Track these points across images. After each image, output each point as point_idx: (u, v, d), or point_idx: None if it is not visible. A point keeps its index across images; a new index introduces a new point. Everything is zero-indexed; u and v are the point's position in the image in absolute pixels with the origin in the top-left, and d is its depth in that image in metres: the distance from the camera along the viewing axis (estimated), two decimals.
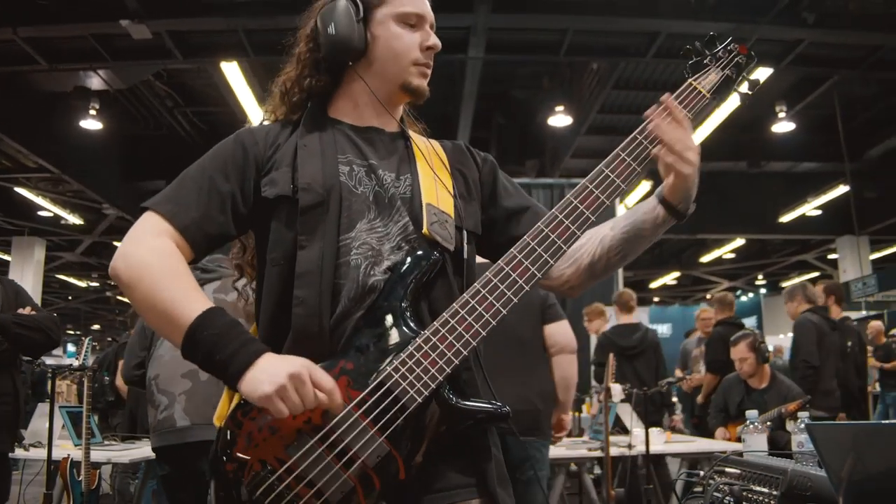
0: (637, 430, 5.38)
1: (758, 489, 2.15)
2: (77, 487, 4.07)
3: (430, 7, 1.77)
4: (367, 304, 1.54)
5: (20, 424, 4.63)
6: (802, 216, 15.20)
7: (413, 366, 1.45)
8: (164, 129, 12.16)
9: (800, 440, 3.01)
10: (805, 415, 3.32)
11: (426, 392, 1.44)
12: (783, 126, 11.27)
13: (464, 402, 1.49)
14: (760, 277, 23.85)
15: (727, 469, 2.38)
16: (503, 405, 1.52)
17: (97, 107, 10.15)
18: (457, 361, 1.46)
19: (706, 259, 20.64)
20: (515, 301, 1.50)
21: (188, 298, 1.46)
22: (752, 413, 3.80)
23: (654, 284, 25.26)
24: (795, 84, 10.76)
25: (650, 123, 1.58)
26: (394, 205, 1.63)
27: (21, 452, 4.76)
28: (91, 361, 4.53)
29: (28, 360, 4.61)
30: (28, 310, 4.35)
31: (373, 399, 1.43)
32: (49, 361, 5.51)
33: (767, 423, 4.66)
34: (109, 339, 9.44)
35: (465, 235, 1.69)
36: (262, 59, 8.92)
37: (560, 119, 10.99)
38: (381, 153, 1.71)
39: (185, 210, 1.56)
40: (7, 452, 4.19)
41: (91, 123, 10.44)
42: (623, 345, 6.78)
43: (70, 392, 11.75)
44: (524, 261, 1.53)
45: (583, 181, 1.58)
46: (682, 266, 21.95)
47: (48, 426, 4.21)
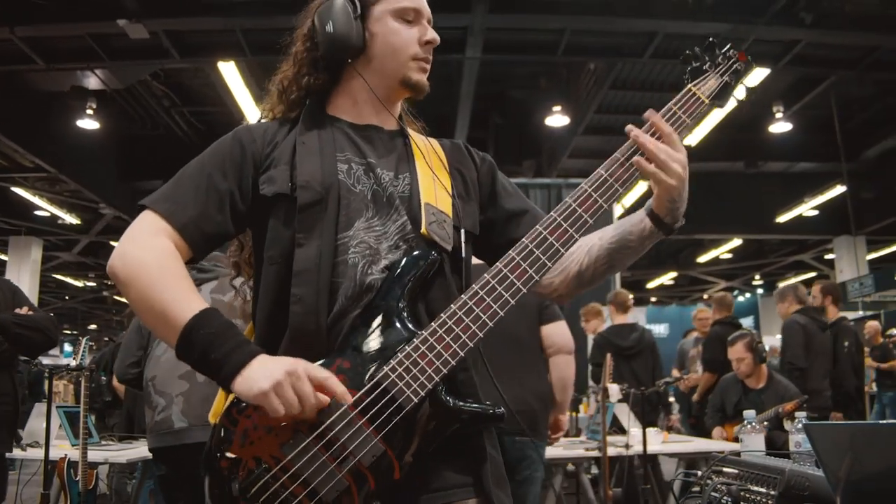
0: (634, 430, 5.38)
1: (755, 489, 2.15)
2: (74, 487, 4.07)
3: (428, 5, 1.76)
4: (365, 303, 1.54)
5: (18, 424, 4.63)
6: (799, 216, 15.21)
7: (410, 366, 1.44)
8: (162, 129, 12.14)
9: (797, 440, 3.01)
10: (802, 415, 3.32)
11: (423, 392, 1.44)
12: (780, 126, 11.28)
13: (460, 404, 1.49)
14: (757, 278, 23.87)
15: (725, 469, 2.38)
16: (498, 407, 1.52)
17: (94, 106, 10.14)
18: (453, 362, 1.46)
19: (703, 259, 20.66)
20: (512, 303, 1.50)
21: (184, 298, 1.46)
22: (750, 413, 3.80)
23: (652, 284, 25.27)
24: (793, 84, 10.77)
25: (633, 133, 1.58)
26: (392, 204, 1.63)
27: (18, 452, 4.76)
28: (88, 361, 4.51)
29: (25, 360, 4.60)
30: (25, 310, 4.34)
31: (369, 398, 1.43)
32: (46, 361, 5.51)
33: (765, 423, 4.66)
34: (106, 339, 9.43)
35: (463, 235, 1.69)
36: (260, 59, 8.92)
37: (557, 119, 10.99)
38: (380, 151, 1.71)
39: (183, 208, 1.55)
40: (4, 452, 4.18)
41: (88, 123, 10.44)
42: (621, 345, 6.79)
43: (67, 392, 11.75)
44: (522, 263, 1.52)
45: (582, 185, 1.58)
46: (680, 266, 21.97)
47: (45, 426, 4.21)
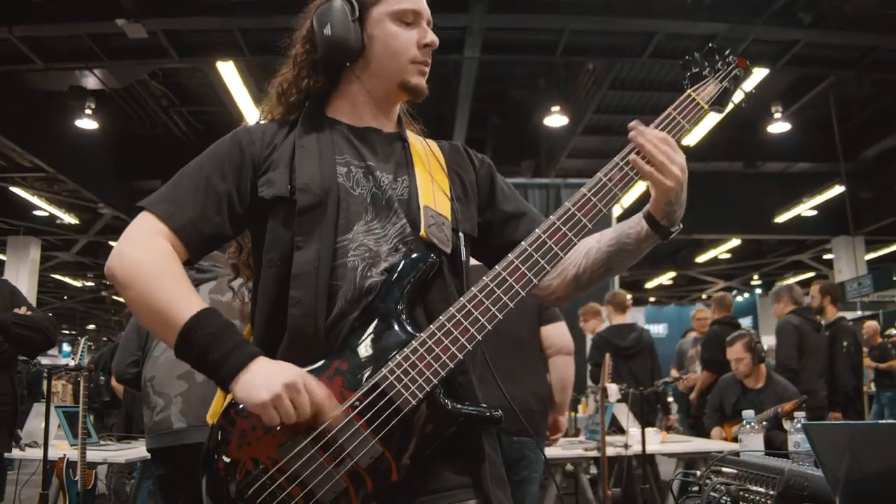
0: (633, 430, 5.38)
1: (755, 489, 2.15)
2: (73, 487, 4.07)
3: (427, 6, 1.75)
4: (364, 306, 1.54)
5: (17, 424, 4.62)
6: (798, 216, 15.21)
7: (408, 368, 1.44)
8: (160, 129, 12.14)
9: (796, 440, 3.01)
10: (802, 415, 3.32)
11: (421, 395, 1.44)
12: (779, 126, 11.28)
13: (458, 406, 1.49)
14: (756, 278, 23.87)
15: (724, 469, 2.38)
16: (496, 409, 1.52)
17: (93, 106, 10.13)
18: (452, 365, 1.46)
19: (702, 259, 20.66)
20: (511, 306, 1.51)
21: (183, 299, 1.46)
22: (749, 413, 3.79)
23: (650, 284, 25.28)
24: (791, 84, 10.77)
25: (632, 133, 1.59)
26: (391, 207, 1.63)
27: (17, 452, 4.75)
28: (87, 361, 4.51)
29: (24, 360, 4.60)
30: (24, 310, 4.34)
31: (367, 400, 1.43)
32: (45, 361, 5.50)
33: (763, 423, 4.66)
34: (105, 339, 9.43)
35: (462, 238, 1.70)
36: (258, 59, 8.91)
37: (556, 119, 10.98)
38: (379, 154, 1.70)
39: (181, 210, 1.55)
40: (3, 452, 4.18)
41: (87, 123, 10.43)
42: (620, 345, 6.79)
43: (66, 392, 11.73)
44: (521, 266, 1.53)
45: (581, 189, 1.59)
46: (678, 266, 21.97)
47: (44, 426, 4.20)
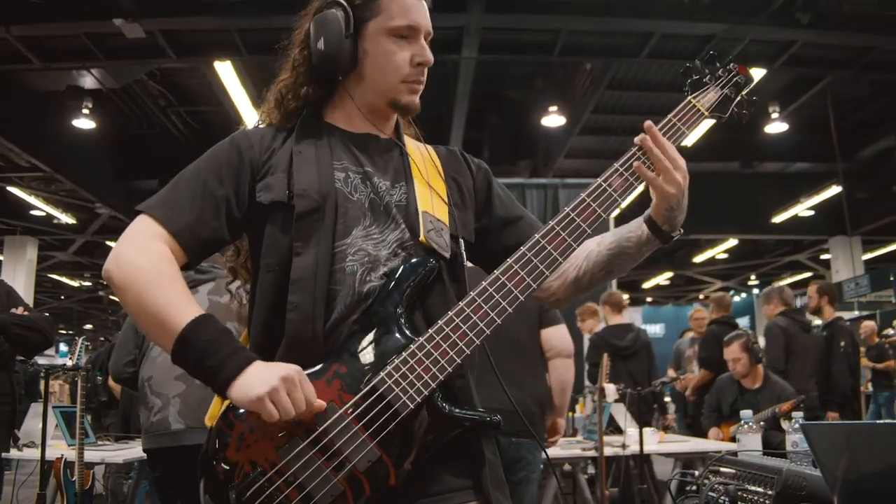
0: (631, 430, 5.39)
1: (753, 489, 2.15)
2: (71, 488, 4.06)
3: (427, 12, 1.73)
4: (363, 310, 1.54)
5: (16, 424, 4.62)
6: (795, 216, 15.24)
7: (407, 372, 1.44)
8: (158, 129, 12.13)
9: (794, 440, 3.02)
10: (799, 415, 3.33)
11: (419, 399, 1.44)
12: (776, 127, 11.30)
13: (456, 410, 1.49)
14: (753, 278, 23.90)
15: (722, 469, 2.38)
16: (494, 414, 1.51)
17: (90, 106, 10.13)
18: (450, 369, 1.46)
19: (699, 259, 20.68)
20: (510, 311, 1.51)
21: (180, 304, 1.46)
22: (747, 413, 3.80)
23: (647, 284, 25.31)
24: (789, 85, 10.79)
25: (641, 137, 1.59)
26: (389, 213, 1.63)
27: (15, 452, 4.75)
28: (84, 361, 4.51)
29: (22, 360, 4.60)
30: (21, 310, 4.34)
31: (365, 404, 1.43)
32: (42, 361, 5.50)
33: (761, 423, 4.67)
34: (102, 339, 9.43)
35: (461, 243, 1.70)
36: (256, 59, 8.90)
37: (553, 119, 11.00)
38: (377, 161, 1.70)
39: (179, 214, 1.55)
40: (1, 452, 4.18)
41: (84, 122, 10.42)
42: (617, 345, 6.80)
43: (63, 392, 11.72)
44: (520, 271, 1.53)
45: (581, 195, 1.59)
46: (675, 266, 21.99)
47: (41, 426, 4.20)
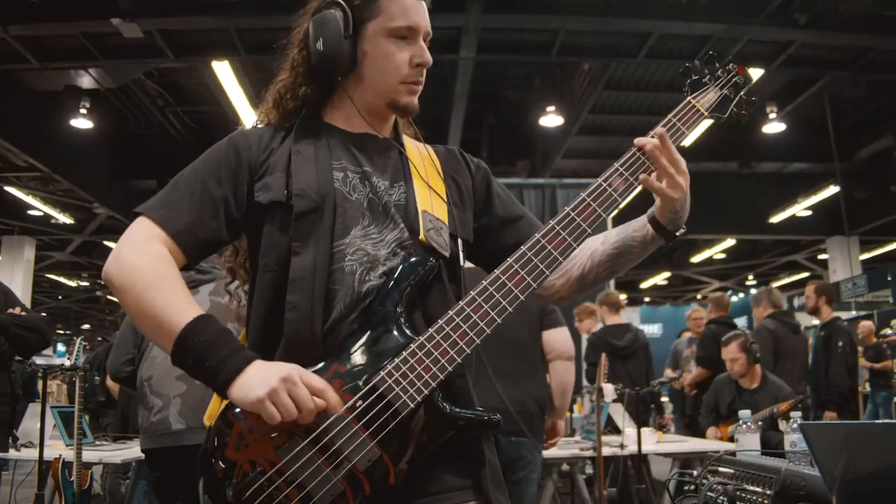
0: (629, 430, 5.39)
1: (751, 489, 2.15)
2: (69, 488, 4.06)
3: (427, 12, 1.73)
4: (362, 309, 1.54)
5: (15, 424, 4.62)
6: (793, 217, 15.26)
7: (407, 371, 1.44)
8: (155, 129, 12.13)
9: (792, 440, 3.03)
10: (798, 414, 3.34)
11: (419, 398, 1.44)
12: (774, 127, 11.31)
13: (456, 410, 1.49)
14: (751, 278, 23.93)
15: (720, 469, 2.38)
16: (494, 413, 1.51)
17: (88, 105, 10.13)
18: (451, 369, 1.46)
19: (697, 259, 20.70)
20: (510, 310, 1.51)
21: (179, 304, 1.46)
22: (745, 413, 3.81)
23: (645, 284, 25.33)
24: (786, 85, 10.80)
25: (647, 146, 1.60)
26: (388, 213, 1.62)
27: (13, 453, 4.75)
28: (82, 361, 4.50)
29: (19, 361, 4.59)
30: (18, 310, 4.34)
31: (365, 403, 1.43)
32: (39, 361, 5.50)
33: (759, 423, 4.67)
34: (100, 339, 9.42)
35: (460, 243, 1.70)
36: (254, 59, 8.90)
37: (551, 119, 10.99)
38: (376, 161, 1.70)
39: (178, 215, 1.55)
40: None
41: (82, 122, 10.42)
42: (616, 345, 6.81)
43: (60, 392, 11.73)
44: (520, 270, 1.53)
45: (581, 195, 1.60)
46: (673, 266, 22.00)
47: (40, 426, 4.19)
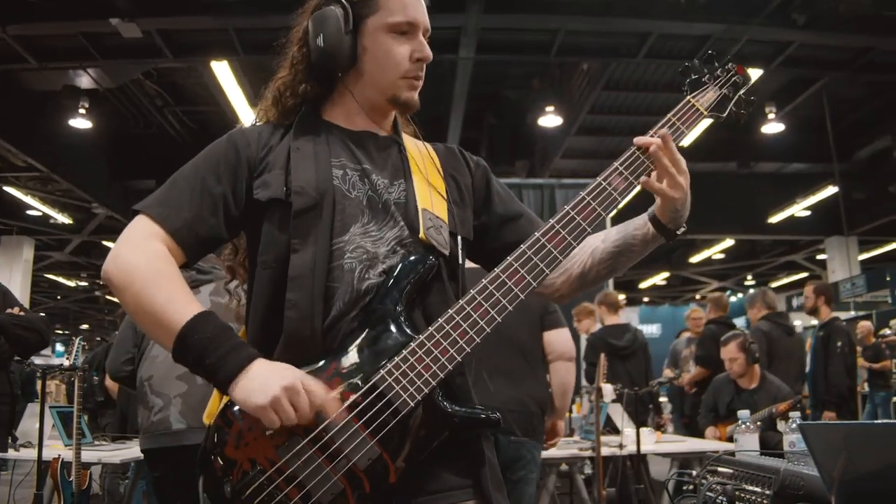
0: (628, 430, 5.39)
1: (750, 489, 2.15)
2: (68, 488, 4.05)
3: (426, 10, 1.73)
4: (362, 307, 1.54)
5: (15, 424, 4.61)
6: (791, 217, 15.27)
7: (407, 370, 1.44)
8: (154, 129, 12.12)
9: (791, 440, 3.03)
10: (797, 415, 3.34)
11: (419, 397, 1.44)
12: (773, 127, 11.31)
13: (456, 408, 1.49)
14: (750, 278, 23.94)
15: (720, 469, 2.38)
16: (494, 412, 1.51)
17: (87, 105, 10.12)
18: (451, 367, 1.46)
19: (696, 259, 20.71)
20: (510, 309, 1.51)
21: (179, 302, 1.46)
22: (744, 413, 3.81)
23: (644, 284, 25.33)
24: (785, 85, 10.80)
25: (650, 147, 1.61)
26: (388, 210, 1.62)
27: (12, 453, 4.75)
28: (81, 361, 4.50)
29: (18, 361, 4.59)
30: (17, 310, 4.34)
31: (365, 402, 1.43)
32: (38, 361, 5.49)
33: (758, 423, 4.67)
34: (98, 339, 9.41)
35: (459, 241, 1.70)
36: (253, 59, 8.90)
37: (550, 119, 11.00)
38: (375, 158, 1.70)
39: (177, 212, 1.55)
40: None
41: (80, 122, 10.41)
42: (616, 344, 6.81)
43: (59, 392, 11.73)
44: (520, 269, 1.53)
45: (581, 193, 1.60)
46: (672, 266, 22.01)
47: (39, 426, 4.19)
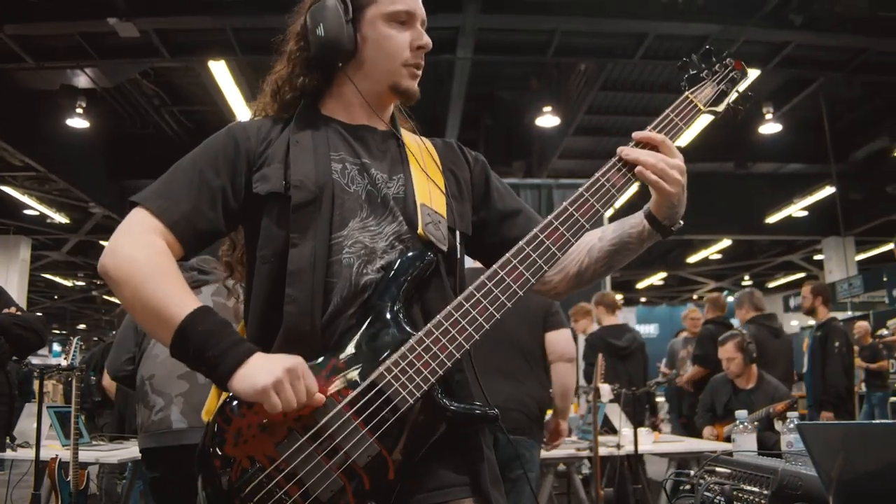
0: (625, 430, 5.39)
1: (748, 489, 2.15)
2: (65, 488, 4.05)
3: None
4: (360, 303, 1.53)
5: (13, 424, 4.61)
6: (789, 217, 15.27)
7: (406, 367, 1.44)
8: (151, 128, 12.11)
9: (789, 440, 3.03)
10: (794, 414, 3.34)
11: (418, 393, 1.44)
12: (770, 127, 11.32)
13: (455, 405, 1.49)
14: (747, 278, 23.96)
15: (717, 469, 2.38)
16: (492, 408, 1.52)
17: (84, 105, 10.11)
18: (449, 364, 1.46)
19: (693, 259, 20.72)
20: (509, 306, 1.50)
21: (178, 296, 1.45)
22: (742, 413, 3.82)
23: (641, 285, 25.35)
24: (782, 86, 10.82)
25: (624, 152, 1.60)
26: (387, 205, 1.62)
27: (9, 452, 4.74)
28: (79, 361, 4.50)
29: (15, 361, 4.59)
30: (13, 310, 4.33)
31: (365, 399, 1.43)
32: (35, 361, 5.49)
33: (755, 423, 4.68)
34: (95, 339, 9.39)
35: (458, 236, 1.70)
36: (250, 58, 8.91)
37: (547, 120, 11.00)
38: (374, 153, 1.70)
39: (175, 205, 1.54)
40: None
41: (78, 122, 10.39)
42: (616, 345, 6.82)
43: (56, 392, 11.71)
44: (519, 266, 1.53)
45: (579, 189, 1.59)
46: (669, 266, 22.02)
47: (36, 426, 4.18)
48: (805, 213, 15.28)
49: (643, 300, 27.88)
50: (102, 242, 16.65)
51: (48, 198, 14.08)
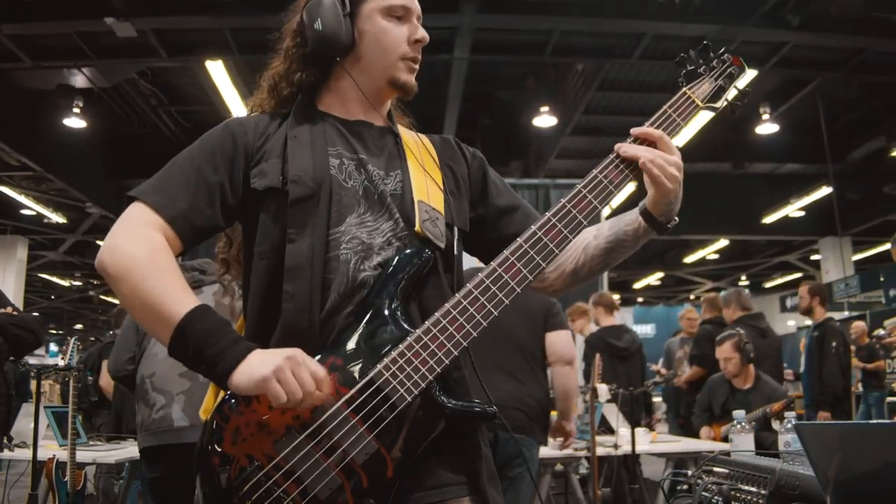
0: (623, 430, 5.39)
1: (746, 488, 2.15)
2: (63, 488, 4.05)
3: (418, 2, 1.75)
4: (358, 300, 1.53)
5: (11, 425, 4.60)
6: (786, 217, 15.28)
7: (404, 364, 1.44)
8: (149, 128, 12.08)
9: (786, 440, 3.03)
10: (792, 414, 3.35)
11: (416, 391, 1.44)
12: (767, 128, 11.32)
13: (453, 402, 1.49)
14: (744, 278, 23.97)
15: (715, 469, 2.38)
16: (490, 405, 1.52)
17: (81, 105, 10.09)
18: (447, 362, 1.46)
19: (690, 260, 20.72)
20: (507, 303, 1.50)
21: (177, 293, 1.44)
22: (740, 413, 3.82)
23: (638, 285, 25.35)
24: (779, 86, 10.82)
25: (622, 149, 1.61)
26: (384, 201, 1.62)
27: (6, 453, 4.74)
28: (76, 361, 4.49)
29: (12, 361, 4.58)
30: (10, 310, 4.33)
31: (363, 397, 1.43)
32: (32, 361, 5.48)
33: (752, 423, 4.68)
34: (92, 339, 9.38)
35: (456, 233, 1.70)
36: (247, 58, 8.90)
37: (545, 120, 11.00)
38: (371, 148, 1.70)
39: (173, 201, 1.53)
40: None
41: (75, 121, 10.37)
42: (616, 345, 6.82)
43: (53, 392, 11.68)
44: (516, 263, 1.53)
45: (577, 186, 1.59)
46: (666, 266, 22.03)
47: (33, 426, 4.18)
48: (802, 214, 15.28)
49: (640, 300, 27.88)
50: (99, 242, 16.53)
51: (45, 197, 14.05)
